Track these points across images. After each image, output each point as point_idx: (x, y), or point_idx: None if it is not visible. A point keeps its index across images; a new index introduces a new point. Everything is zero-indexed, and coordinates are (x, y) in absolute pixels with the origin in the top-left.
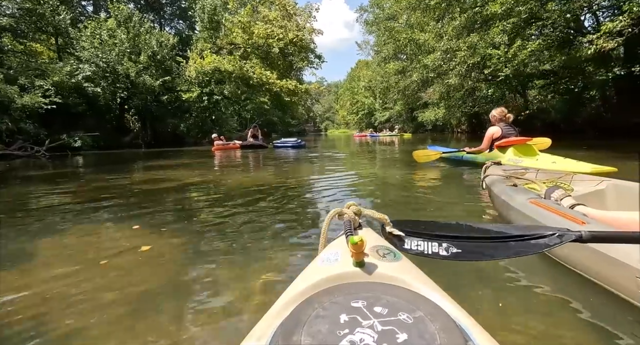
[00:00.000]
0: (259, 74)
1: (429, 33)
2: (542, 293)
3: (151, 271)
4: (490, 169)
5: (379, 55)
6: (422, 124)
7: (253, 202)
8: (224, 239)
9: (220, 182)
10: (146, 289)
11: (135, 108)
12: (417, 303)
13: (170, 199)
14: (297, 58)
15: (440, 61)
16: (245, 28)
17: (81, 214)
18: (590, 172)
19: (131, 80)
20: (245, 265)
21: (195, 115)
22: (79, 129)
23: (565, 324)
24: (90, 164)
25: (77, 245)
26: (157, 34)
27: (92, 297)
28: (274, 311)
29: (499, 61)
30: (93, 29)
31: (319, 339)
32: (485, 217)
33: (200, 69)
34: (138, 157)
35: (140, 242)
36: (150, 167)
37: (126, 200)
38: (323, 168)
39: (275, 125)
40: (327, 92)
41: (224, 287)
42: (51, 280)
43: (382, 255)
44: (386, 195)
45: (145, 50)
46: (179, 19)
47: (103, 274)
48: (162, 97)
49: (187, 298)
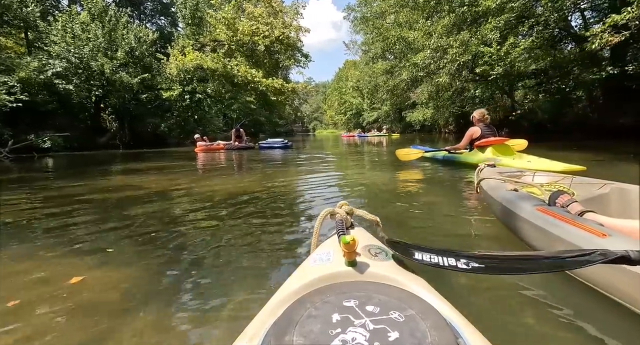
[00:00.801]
0: (243, 72)
1: (418, 31)
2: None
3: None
4: (485, 172)
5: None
6: (410, 124)
7: (238, 206)
8: (205, 247)
9: (201, 186)
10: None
11: (112, 107)
12: (409, 301)
13: (135, 213)
14: (283, 56)
15: (430, 59)
16: (230, 25)
17: (11, 233)
18: (562, 170)
19: (107, 78)
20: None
21: (176, 115)
22: (49, 128)
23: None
24: (57, 166)
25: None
26: (135, 29)
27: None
28: (267, 311)
29: (491, 59)
30: (64, 23)
31: (311, 338)
32: (486, 225)
33: (181, 67)
34: (113, 159)
35: (72, 270)
36: (122, 170)
37: (78, 214)
38: (310, 170)
39: (262, 125)
40: (315, 93)
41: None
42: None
43: (374, 255)
44: (376, 198)
45: (122, 46)
46: (160, 15)
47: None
48: (142, 95)
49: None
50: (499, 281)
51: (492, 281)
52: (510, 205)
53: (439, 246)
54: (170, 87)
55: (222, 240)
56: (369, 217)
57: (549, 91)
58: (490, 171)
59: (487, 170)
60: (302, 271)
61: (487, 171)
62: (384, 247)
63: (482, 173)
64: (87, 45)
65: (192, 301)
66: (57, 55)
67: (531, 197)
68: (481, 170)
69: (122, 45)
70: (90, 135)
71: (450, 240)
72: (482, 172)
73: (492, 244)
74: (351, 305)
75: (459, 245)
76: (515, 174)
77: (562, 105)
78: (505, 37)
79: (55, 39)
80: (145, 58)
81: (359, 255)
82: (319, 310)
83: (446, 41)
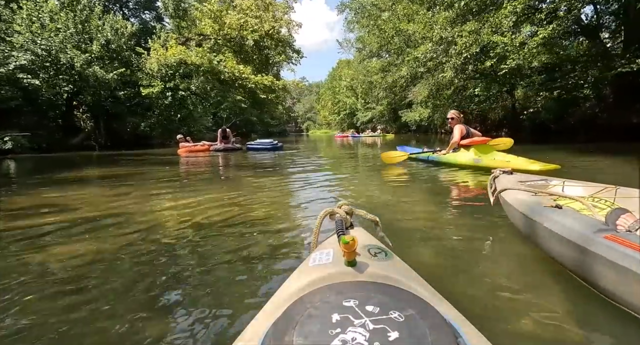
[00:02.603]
0: (230, 67)
1: (418, 23)
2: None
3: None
4: (504, 180)
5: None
6: (405, 124)
7: (230, 215)
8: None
9: (183, 203)
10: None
11: (87, 104)
12: (408, 301)
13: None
14: (274, 52)
15: (433, 53)
16: (216, 18)
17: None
18: (539, 170)
19: (78, 72)
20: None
21: (158, 114)
22: (14, 127)
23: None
24: (10, 172)
25: None
26: (112, 19)
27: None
28: (266, 311)
29: (504, 50)
30: (30, 11)
31: (311, 338)
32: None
33: (163, 61)
34: (84, 163)
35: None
36: (84, 178)
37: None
38: (303, 174)
39: (254, 125)
40: (309, 92)
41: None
42: None
43: (374, 255)
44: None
45: (97, 39)
46: (144, 9)
47: None
48: (119, 92)
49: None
50: (498, 281)
51: (492, 281)
52: (560, 229)
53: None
54: (150, 84)
55: (219, 245)
56: (368, 217)
57: (561, 88)
58: (511, 180)
59: (506, 178)
60: (301, 271)
61: (507, 180)
62: (383, 247)
63: (500, 182)
64: (57, 36)
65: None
66: (21, 47)
67: (588, 220)
68: (496, 177)
69: (98, 38)
70: (61, 135)
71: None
72: (498, 180)
73: (540, 279)
74: (351, 305)
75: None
76: (539, 183)
77: (568, 105)
78: (521, 25)
79: (19, 28)
80: (123, 52)
81: (358, 255)
82: (318, 310)
83: (451, 32)
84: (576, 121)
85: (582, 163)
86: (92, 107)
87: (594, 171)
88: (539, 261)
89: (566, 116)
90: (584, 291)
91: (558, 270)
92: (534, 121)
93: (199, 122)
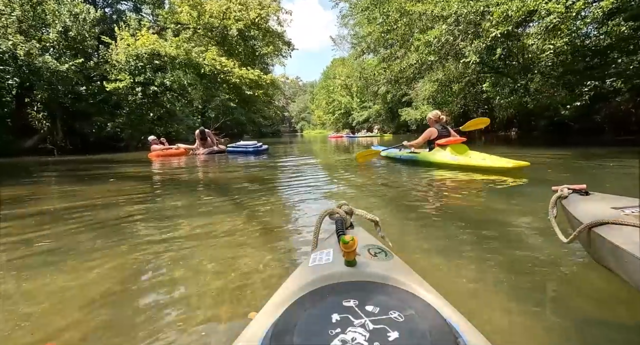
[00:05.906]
0: (209, 59)
1: (429, 3)
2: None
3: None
4: (584, 207)
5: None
6: (404, 123)
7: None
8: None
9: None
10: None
11: (42, 102)
12: (408, 301)
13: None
14: (261, 43)
15: (450, 35)
16: (195, 4)
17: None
18: (512, 167)
19: (25, 62)
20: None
21: (128, 112)
22: None
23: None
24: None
25: None
26: (70, 3)
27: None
28: (266, 311)
29: (557, 19)
30: None
31: (311, 338)
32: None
33: (131, 52)
34: (27, 170)
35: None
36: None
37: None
38: (291, 176)
39: (244, 125)
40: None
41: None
42: None
43: (374, 254)
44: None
45: (54, 25)
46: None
47: None
48: (81, 87)
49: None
50: (498, 282)
51: (492, 282)
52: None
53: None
54: (116, 78)
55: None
56: (368, 217)
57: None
58: (601, 207)
59: (590, 203)
60: (301, 271)
61: (594, 207)
62: (383, 247)
63: (577, 207)
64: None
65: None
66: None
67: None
68: (563, 198)
69: (54, 24)
70: (10, 138)
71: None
72: (569, 203)
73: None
74: (351, 305)
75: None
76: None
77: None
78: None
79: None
80: (85, 41)
81: (358, 255)
82: (318, 310)
83: (475, 6)
84: (603, 118)
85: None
86: (49, 105)
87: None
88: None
89: (592, 113)
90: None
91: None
92: (551, 119)
93: (184, 122)
